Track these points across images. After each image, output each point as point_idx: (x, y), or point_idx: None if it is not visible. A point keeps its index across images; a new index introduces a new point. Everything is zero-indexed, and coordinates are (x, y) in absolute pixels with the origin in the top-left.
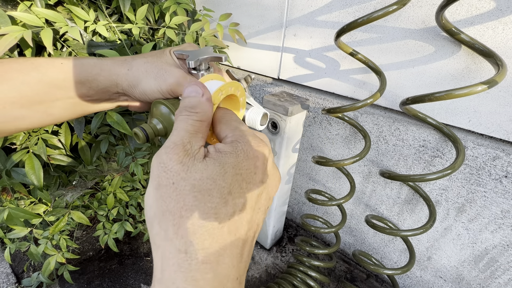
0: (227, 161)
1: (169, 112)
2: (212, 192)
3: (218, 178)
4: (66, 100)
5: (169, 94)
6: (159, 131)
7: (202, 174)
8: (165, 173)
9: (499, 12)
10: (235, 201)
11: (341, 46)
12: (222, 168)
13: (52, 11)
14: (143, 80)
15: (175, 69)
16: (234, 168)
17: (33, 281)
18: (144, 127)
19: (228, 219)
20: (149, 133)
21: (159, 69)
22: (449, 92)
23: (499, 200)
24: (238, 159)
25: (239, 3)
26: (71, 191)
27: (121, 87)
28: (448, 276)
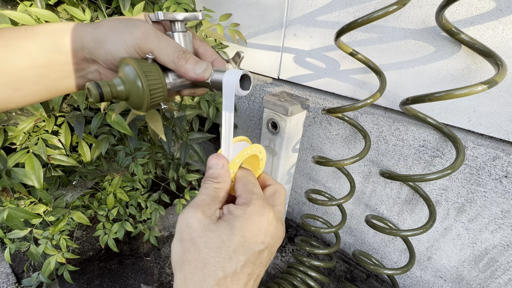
0: (235, 224)
1: (135, 73)
2: (221, 249)
3: (226, 238)
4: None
5: (136, 51)
6: (118, 92)
7: (214, 233)
8: (187, 229)
9: (499, 12)
10: (238, 258)
11: (341, 46)
12: (230, 230)
13: (47, 11)
14: (108, 36)
15: (144, 24)
16: (240, 230)
17: (33, 281)
18: (101, 84)
19: (231, 272)
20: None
21: (126, 24)
22: (449, 92)
23: (499, 200)
24: (244, 223)
25: (239, 3)
26: (71, 191)
27: (87, 49)
28: (448, 276)
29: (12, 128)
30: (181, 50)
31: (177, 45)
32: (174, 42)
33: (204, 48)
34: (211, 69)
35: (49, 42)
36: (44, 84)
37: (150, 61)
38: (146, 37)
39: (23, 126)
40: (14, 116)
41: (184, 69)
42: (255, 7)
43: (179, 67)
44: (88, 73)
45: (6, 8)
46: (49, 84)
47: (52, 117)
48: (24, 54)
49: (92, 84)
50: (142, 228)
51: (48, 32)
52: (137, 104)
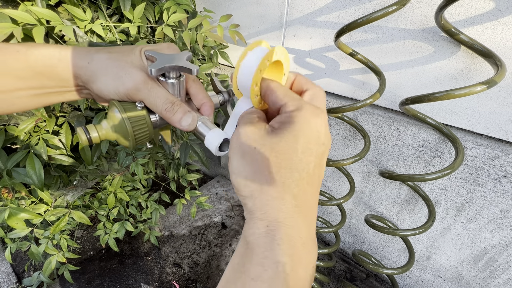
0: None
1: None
2: (288, 152)
3: (291, 142)
4: (27, 91)
5: (126, 97)
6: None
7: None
8: (246, 142)
9: (498, 12)
10: (308, 159)
11: (340, 47)
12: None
13: (48, 10)
14: (101, 77)
15: (138, 72)
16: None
17: (33, 281)
18: (89, 129)
19: (305, 174)
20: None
21: (119, 69)
22: (448, 92)
23: (498, 200)
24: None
25: (239, 3)
26: (71, 191)
27: (80, 80)
28: (447, 276)
29: (13, 128)
30: (170, 102)
31: (166, 96)
32: (164, 92)
33: (196, 90)
34: (196, 122)
35: (42, 68)
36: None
37: (139, 108)
38: (137, 89)
39: (24, 126)
40: (15, 116)
41: (171, 120)
42: (255, 7)
43: (167, 119)
44: (81, 93)
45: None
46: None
47: (52, 117)
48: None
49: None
50: (142, 227)
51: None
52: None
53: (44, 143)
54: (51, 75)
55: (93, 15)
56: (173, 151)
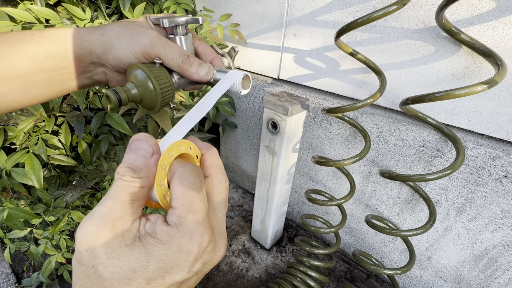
0: (154, 253)
1: (145, 76)
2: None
3: (139, 269)
4: (41, 74)
5: (144, 57)
6: (133, 96)
7: (123, 262)
8: (87, 253)
9: (499, 12)
10: None
11: (341, 46)
12: (146, 259)
13: (47, 9)
14: (116, 43)
15: (150, 30)
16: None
17: (33, 281)
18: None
19: None
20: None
21: (132, 31)
22: (449, 92)
23: (499, 200)
24: (167, 252)
25: (239, 2)
26: (71, 191)
27: (95, 54)
28: (448, 276)
29: (12, 128)
30: (185, 54)
31: (181, 49)
32: (178, 46)
33: (203, 47)
34: (212, 71)
35: (56, 47)
36: (52, 86)
37: (158, 65)
38: (153, 44)
39: (23, 126)
40: (14, 116)
41: (189, 72)
42: (255, 6)
43: (184, 71)
44: (94, 74)
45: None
46: (57, 86)
47: (52, 117)
48: (32, 60)
49: (110, 91)
50: None
51: (55, 38)
52: (150, 105)
53: (43, 143)
54: (65, 54)
55: (93, 14)
56: None
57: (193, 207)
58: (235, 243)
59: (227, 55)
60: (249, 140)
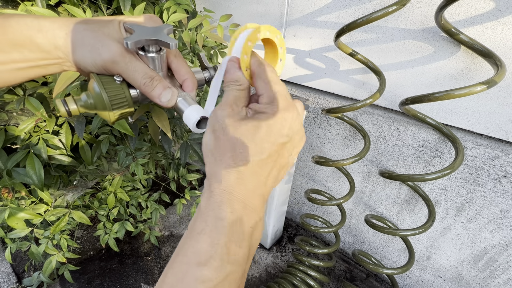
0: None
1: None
2: (247, 137)
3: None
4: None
5: (104, 70)
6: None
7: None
8: (218, 122)
9: (498, 12)
10: (264, 146)
11: (340, 47)
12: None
13: (48, 11)
14: (78, 48)
15: (115, 44)
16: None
17: (33, 281)
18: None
19: (257, 159)
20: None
21: (96, 41)
22: (448, 92)
23: (498, 200)
24: (270, 119)
25: (238, 3)
26: (71, 191)
27: (60, 51)
28: (447, 276)
29: (13, 128)
30: (148, 76)
31: (145, 70)
32: (142, 66)
33: (178, 65)
34: (176, 98)
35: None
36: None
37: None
38: (114, 61)
39: (24, 126)
40: (15, 116)
41: (150, 95)
42: (255, 7)
43: (146, 93)
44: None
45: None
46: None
47: (52, 117)
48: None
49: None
50: (142, 227)
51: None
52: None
53: (44, 143)
54: (32, 47)
55: (93, 15)
56: (173, 151)
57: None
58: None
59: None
60: None
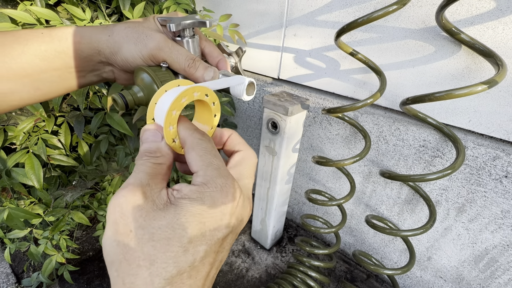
0: (190, 209)
1: (151, 80)
2: (171, 241)
3: (178, 227)
4: (51, 72)
5: (151, 60)
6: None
7: (161, 222)
8: (123, 220)
9: (499, 12)
10: (196, 249)
11: (341, 46)
12: (184, 216)
13: (47, 10)
14: (124, 45)
15: (157, 34)
16: (197, 217)
17: (33, 281)
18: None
19: (188, 266)
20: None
21: (139, 34)
22: (449, 92)
23: (499, 200)
24: (203, 207)
25: (238, 2)
26: (71, 191)
27: (103, 54)
28: (448, 276)
29: (12, 128)
30: (191, 58)
31: (187, 53)
32: (184, 50)
33: (210, 49)
34: (218, 75)
35: (65, 47)
36: (62, 83)
37: (164, 69)
38: (160, 47)
39: (23, 126)
40: (14, 116)
41: (194, 76)
42: (255, 6)
43: (190, 75)
44: (103, 72)
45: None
46: (66, 83)
47: (52, 117)
48: (42, 58)
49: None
50: None
51: (65, 37)
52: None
53: (43, 143)
54: (75, 53)
55: (93, 14)
56: None
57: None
58: (235, 243)
59: (234, 54)
60: (249, 140)
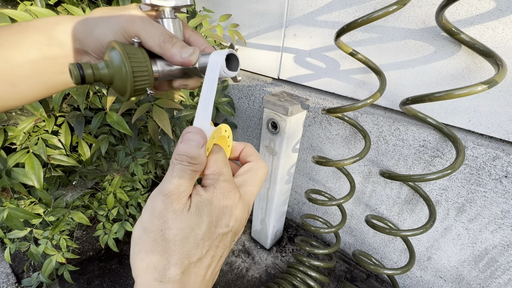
0: (204, 210)
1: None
2: (189, 239)
3: (195, 227)
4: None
5: (123, 35)
6: (102, 76)
7: (184, 224)
8: (157, 220)
9: (499, 12)
10: (204, 244)
11: (341, 46)
12: (200, 217)
13: (47, 10)
14: (97, 24)
15: (133, 9)
16: (207, 216)
17: (33, 281)
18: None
19: (197, 258)
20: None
21: (114, 10)
22: (449, 92)
23: (499, 200)
24: (211, 207)
25: (239, 2)
26: (71, 191)
27: (78, 40)
28: (448, 276)
29: (12, 128)
30: (167, 34)
31: (164, 29)
32: (161, 27)
33: (195, 37)
34: (197, 54)
35: (41, 35)
36: (40, 79)
37: (136, 45)
38: (132, 20)
39: (23, 126)
40: (14, 116)
41: (170, 52)
42: (255, 6)
43: (165, 51)
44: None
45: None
46: (46, 79)
47: (52, 117)
48: (18, 49)
49: (74, 65)
50: None
51: (41, 26)
52: (120, 89)
53: (43, 143)
54: (49, 41)
55: None
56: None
57: (223, 172)
58: (235, 243)
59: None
60: (249, 140)
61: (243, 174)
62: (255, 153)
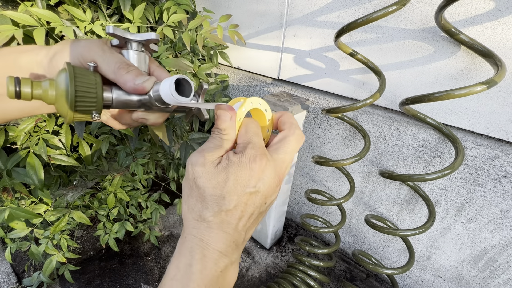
0: (230, 169)
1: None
2: (216, 189)
3: (222, 180)
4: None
5: (79, 60)
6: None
7: (212, 175)
8: (191, 170)
9: (498, 12)
10: (231, 197)
11: (340, 47)
12: (226, 174)
13: (48, 11)
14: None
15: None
16: (233, 174)
17: (33, 281)
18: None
19: (225, 208)
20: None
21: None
22: (448, 92)
23: (498, 200)
24: (238, 168)
25: (239, 3)
26: (71, 191)
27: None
28: (447, 276)
29: (13, 128)
30: (124, 62)
31: (122, 58)
32: (121, 56)
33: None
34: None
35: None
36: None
37: (91, 69)
38: (90, 47)
39: (24, 126)
40: None
41: (123, 79)
42: (255, 6)
43: (119, 77)
44: None
45: (7, 9)
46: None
47: (52, 117)
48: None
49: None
50: (142, 227)
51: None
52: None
53: (44, 143)
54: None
55: (93, 15)
56: (173, 151)
57: (252, 141)
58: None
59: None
60: None
61: (276, 143)
62: (289, 121)
